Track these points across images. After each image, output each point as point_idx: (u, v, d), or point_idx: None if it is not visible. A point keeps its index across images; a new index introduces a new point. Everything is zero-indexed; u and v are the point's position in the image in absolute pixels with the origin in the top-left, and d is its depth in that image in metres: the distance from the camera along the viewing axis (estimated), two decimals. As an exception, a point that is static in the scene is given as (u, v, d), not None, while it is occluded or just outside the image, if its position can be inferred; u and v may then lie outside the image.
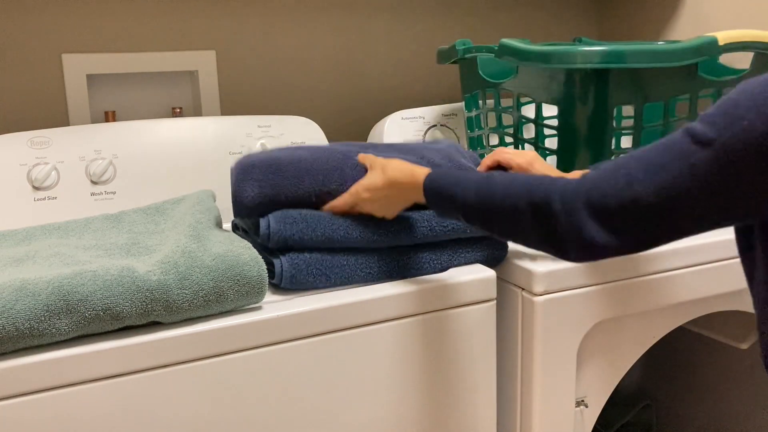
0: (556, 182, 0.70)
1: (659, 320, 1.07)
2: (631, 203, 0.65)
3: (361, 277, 0.91)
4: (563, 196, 0.68)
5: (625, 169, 0.66)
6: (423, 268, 0.94)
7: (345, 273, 0.90)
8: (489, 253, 0.98)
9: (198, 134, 1.24)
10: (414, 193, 0.85)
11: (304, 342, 0.86)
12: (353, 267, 0.90)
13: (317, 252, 0.89)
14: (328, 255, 0.89)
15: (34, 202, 1.12)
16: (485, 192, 0.75)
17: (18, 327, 0.72)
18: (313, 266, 0.88)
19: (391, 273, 0.92)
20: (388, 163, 0.89)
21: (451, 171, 0.83)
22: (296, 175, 0.90)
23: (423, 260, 0.94)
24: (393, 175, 0.87)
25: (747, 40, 1.06)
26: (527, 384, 1.00)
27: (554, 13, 1.75)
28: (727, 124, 0.62)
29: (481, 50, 1.22)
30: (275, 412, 0.86)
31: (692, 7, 1.56)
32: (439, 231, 0.93)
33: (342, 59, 1.55)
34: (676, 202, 0.64)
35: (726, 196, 0.64)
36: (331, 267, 0.89)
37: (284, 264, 0.87)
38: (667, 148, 0.66)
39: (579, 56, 1.00)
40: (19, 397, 0.73)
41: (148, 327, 0.80)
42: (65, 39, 1.32)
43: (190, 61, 1.41)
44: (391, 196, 0.88)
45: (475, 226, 0.78)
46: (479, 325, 0.96)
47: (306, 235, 0.88)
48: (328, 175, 0.91)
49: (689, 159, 0.64)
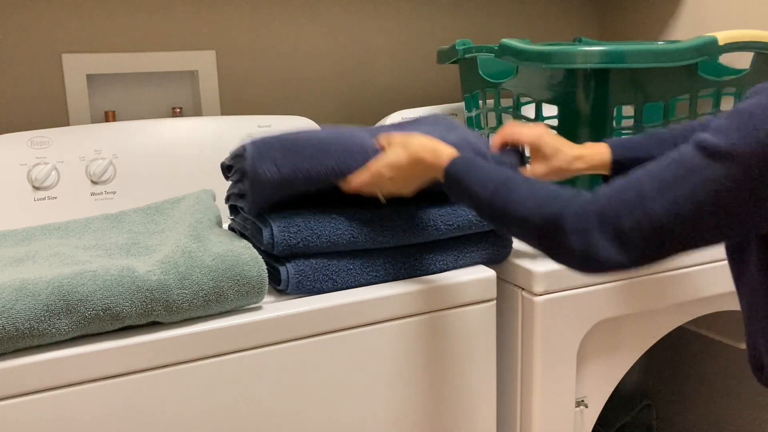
0: (570, 198, 0.69)
1: (659, 320, 1.07)
2: (645, 222, 0.65)
3: (367, 280, 0.91)
4: (576, 215, 0.67)
5: (638, 186, 0.66)
6: (429, 269, 0.94)
7: (351, 276, 0.90)
8: (494, 251, 0.98)
9: (198, 134, 1.24)
10: (436, 173, 0.83)
11: (304, 342, 0.86)
12: (359, 270, 0.90)
13: (322, 257, 0.89)
14: (334, 259, 0.89)
15: (34, 202, 1.12)
16: (502, 196, 0.74)
17: (18, 327, 0.72)
18: (319, 271, 0.88)
19: (398, 274, 0.92)
20: (409, 140, 0.85)
21: (474, 162, 0.80)
22: (315, 155, 0.85)
23: (429, 261, 0.94)
24: (416, 151, 0.84)
25: (747, 40, 1.06)
26: (527, 384, 1.00)
27: (554, 13, 1.75)
28: (741, 135, 0.62)
29: (481, 50, 1.22)
30: (275, 411, 0.86)
31: (692, 7, 1.56)
32: (444, 230, 0.93)
33: (342, 59, 1.55)
34: (690, 218, 0.64)
35: (741, 208, 0.63)
36: (337, 271, 0.89)
37: (290, 271, 0.87)
38: (678, 164, 0.65)
39: (579, 56, 1.00)
40: (19, 397, 0.73)
41: (148, 327, 0.80)
42: (65, 39, 1.32)
43: (190, 61, 1.41)
44: (413, 173, 0.85)
45: (486, 221, 0.77)
46: (479, 325, 0.96)
47: (311, 242, 0.87)
48: (350, 155, 0.86)
49: (702, 174, 0.63)
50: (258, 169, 0.84)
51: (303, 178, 0.85)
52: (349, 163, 0.87)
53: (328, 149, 0.86)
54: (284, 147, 0.85)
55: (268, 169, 0.84)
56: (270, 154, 0.84)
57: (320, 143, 0.86)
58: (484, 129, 1.27)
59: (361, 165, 0.87)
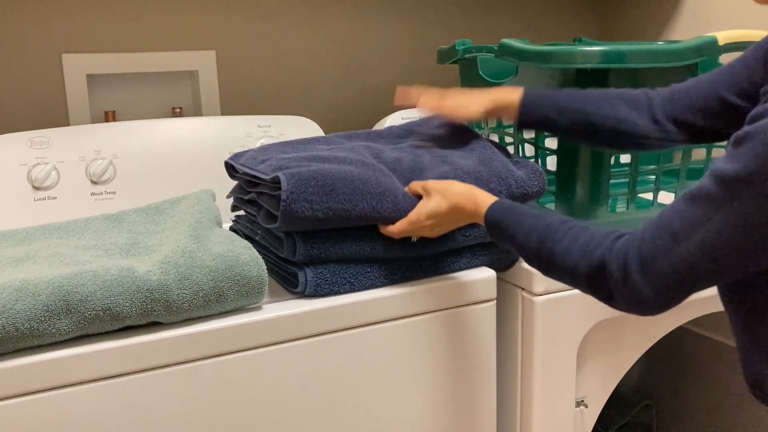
0: (611, 243, 0.71)
1: (659, 320, 1.07)
2: (681, 263, 0.66)
3: (384, 283, 0.92)
4: (618, 260, 0.69)
5: (669, 227, 0.67)
6: (443, 272, 0.95)
7: (369, 279, 0.90)
8: (504, 255, 0.99)
9: (198, 134, 1.24)
10: (476, 219, 0.87)
11: (303, 342, 0.86)
12: (377, 273, 0.91)
13: (341, 261, 0.89)
14: (352, 263, 0.90)
15: (34, 202, 1.12)
16: (547, 247, 0.76)
17: (18, 327, 0.72)
18: (337, 274, 0.88)
19: (413, 277, 0.94)
20: (447, 188, 0.89)
21: (513, 208, 0.83)
22: (349, 199, 0.87)
23: (444, 264, 0.95)
24: (456, 200, 0.87)
25: (747, 40, 1.06)
26: (527, 384, 1.00)
27: (554, 13, 1.75)
28: (760, 163, 0.61)
29: (481, 50, 1.22)
30: (275, 411, 0.86)
31: (692, 7, 1.56)
32: (460, 240, 0.95)
33: (342, 59, 1.55)
34: (721, 253, 0.65)
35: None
36: (355, 274, 0.90)
37: (308, 274, 0.87)
38: (703, 200, 0.65)
39: (579, 56, 1.00)
40: (19, 397, 0.73)
41: (148, 327, 0.79)
42: (65, 39, 1.32)
43: (190, 61, 1.41)
44: (452, 220, 0.89)
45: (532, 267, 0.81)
46: (479, 325, 0.96)
47: (332, 253, 0.88)
48: (381, 200, 0.89)
49: (727, 207, 0.63)
50: (294, 207, 0.84)
51: (336, 219, 0.87)
52: (381, 208, 0.89)
53: (362, 192, 0.88)
54: (319, 186, 0.86)
55: (304, 209, 0.85)
56: (306, 194, 0.85)
57: (353, 184, 0.87)
58: (484, 129, 1.27)
59: (391, 209, 0.89)
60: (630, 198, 1.09)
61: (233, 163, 0.99)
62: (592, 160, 1.06)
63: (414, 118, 1.41)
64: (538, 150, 1.14)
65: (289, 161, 0.91)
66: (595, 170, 1.06)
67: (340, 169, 0.89)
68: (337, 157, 0.93)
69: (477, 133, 1.06)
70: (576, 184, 1.07)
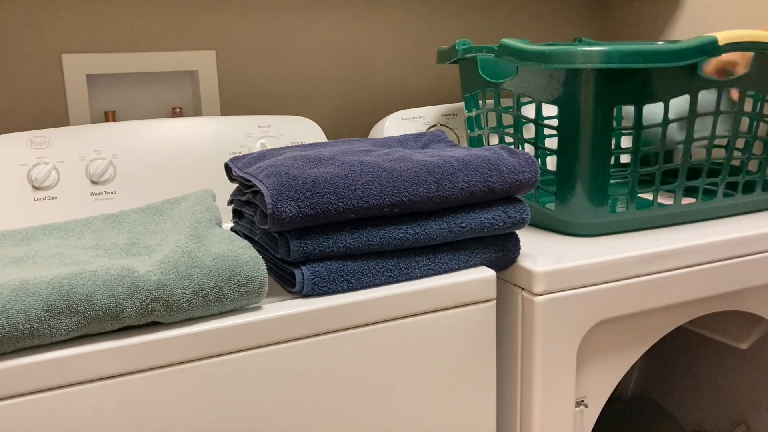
0: None
1: (659, 320, 1.07)
2: None
3: (381, 281, 0.91)
4: None
5: None
6: (442, 269, 0.95)
7: (366, 277, 0.90)
8: (503, 254, 0.99)
9: (198, 134, 1.24)
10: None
11: (304, 342, 0.86)
12: (374, 271, 0.91)
13: (337, 259, 0.89)
14: (349, 261, 0.90)
15: (34, 202, 1.12)
16: None
17: (18, 327, 0.72)
18: (334, 273, 0.88)
19: (411, 275, 0.93)
20: None
21: None
22: (333, 191, 0.87)
23: (442, 261, 0.95)
24: None
25: (747, 40, 1.06)
26: (527, 384, 1.00)
27: (554, 13, 1.75)
28: None
29: (481, 50, 1.22)
30: (275, 412, 0.86)
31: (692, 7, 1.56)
32: (457, 232, 0.94)
33: (342, 59, 1.55)
34: None
35: None
36: (353, 272, 0.89)
37: (305, 273, 0.87)
38: None
39: (579, 56, 1.00)
40: (19, 397, 0.73)
41: (148, 327, 0.80)
42: (65, 39, 1.32)
43: (190, 61, 1.41)
44: None
45: None
46: (479, 325, 0.96)
47: (327, 249, 0.88)
48: (366, 189, 0.89)
49: None
50: (280, 206, 0.85)
51: (324, 213, 0.87)
52: (367, 196, 0.88)
53: (346, 183, 0.88)
54: (301, 183, 0.86)
55: (290, 207, 0.85)
56: (289, 192, 0.85)
57: (336, 178, 0.88)
58: (484, 129, 1.27)
59: (377, 196, 0.89)
60: (630, 198, 1.09)
61: (231, 165, 1.00)
62: (592, 161, 1.06)
63: (414, 118, 1.41)
64: (537, 150, 1.14)
65: (280, 162, 0.92)
66: (595, 170, 1.06)
67: (319, 171, 0.90)
68: (324, 156, 0.94)
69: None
70: (576, 184, 1.07)
